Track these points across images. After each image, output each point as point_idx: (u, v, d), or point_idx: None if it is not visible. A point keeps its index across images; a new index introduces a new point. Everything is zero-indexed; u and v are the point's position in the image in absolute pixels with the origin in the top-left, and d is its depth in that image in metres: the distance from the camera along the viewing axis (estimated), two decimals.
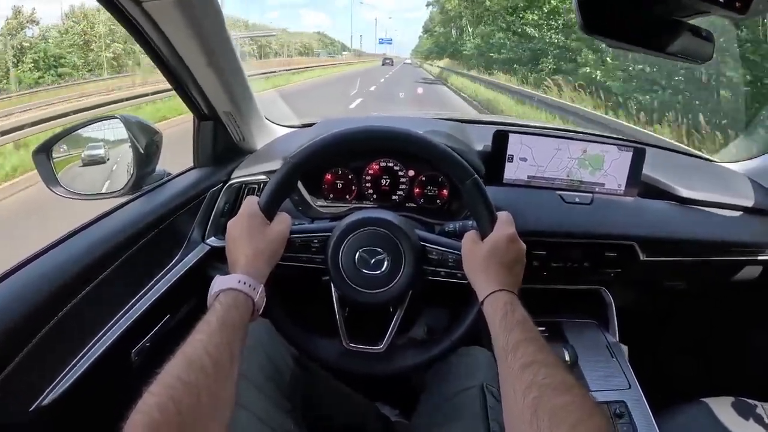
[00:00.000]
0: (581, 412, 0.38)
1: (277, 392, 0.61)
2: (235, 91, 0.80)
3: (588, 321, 0.96)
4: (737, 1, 0.51)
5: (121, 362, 0.64)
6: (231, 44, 0.73)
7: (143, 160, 0.77)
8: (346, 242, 0.61)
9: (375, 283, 0.61)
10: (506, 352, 0.46)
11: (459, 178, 0.61)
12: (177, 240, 0.79)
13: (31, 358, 0.50)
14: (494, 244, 0.57)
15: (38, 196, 0.72)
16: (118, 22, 0.62)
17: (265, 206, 0.58)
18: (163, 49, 0.67)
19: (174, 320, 0.75)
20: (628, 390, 0.82)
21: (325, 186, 0.89)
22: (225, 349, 0.43)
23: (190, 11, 0.60)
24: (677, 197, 0.91)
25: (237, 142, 0.92)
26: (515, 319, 0.49)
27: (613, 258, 0.85)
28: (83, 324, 0.58)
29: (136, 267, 0.67)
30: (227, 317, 0.46)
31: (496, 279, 0.54)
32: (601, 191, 0.86)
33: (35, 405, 0.51)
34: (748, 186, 0.98)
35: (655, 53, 0.63)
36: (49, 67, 15.12)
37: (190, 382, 0.39)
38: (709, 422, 0.77)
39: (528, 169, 0.84)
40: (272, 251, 0.56)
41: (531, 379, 0.42)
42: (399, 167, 0.88)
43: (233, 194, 0.87)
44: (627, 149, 0.84)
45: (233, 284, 0.50)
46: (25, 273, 0.54)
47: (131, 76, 12.85)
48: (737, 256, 0.92)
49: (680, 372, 1.19)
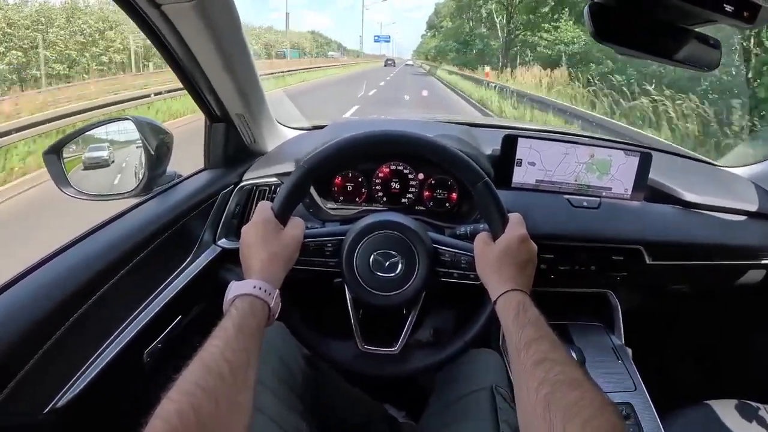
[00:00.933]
0: (593, 407, 0.39)
1: (290, 394, 0.62)
2: (249, 93, 0.81)
3: (594, 324, 0.97)
4: (745, 11, 0.52)
5: (133, 363, 0.64)
6: (247, 47, 0.73)
7: (154, 161, 0.77)
8: (361, 245, 0.62)
9: (389, 286, 0.62)
10: (519, 349, 0.47)
11: (470, 180, 0.61)
12: (189, 241, 0.79)
13: (46, 360, 0.50)
14: (506, 245, 0.58)
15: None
16: (135, 24, 0.63)
17: (279, 211, 0.59)
18: (179, 51, 0.67)
19: (186, 321, 0.75)
20: (634, 392, 0.82)
21: (336, 189, 0.90)
22: (242, 355, 0.43)
23: (208, 14, 0.60)
24: (682, 201, 0.91)
25: (248, 144, 0.92)
26: (528, 317, 0.50)
27: (619, 261, 0.85)
28: (97, 326, 0.58)
29: (149, 268, 0.68)
30: (244, 323, 0.46)
31: (509, 279, 0.55)
32: (608, 195, 0.87)
33: (50, 407, 0.51)
34: (752, 190, 0.99)
35: (663, 60, 0.64)
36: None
37: (209, 388, 0.39)
38: (714, 424, 0.78)
39: (536, 173, 0.85)
40: (287, 256, 0.57)
41: (543, 376, 0.42)
42: (409, 170, 0.89)
43: (244, 196, 0.87)
44: (634, 154, 0.85)
45: (249, 290, 0.50)
46: (40, 275, 0.55)
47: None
48: (741, 259, 0.93)
49: (685, 374, 1.19)
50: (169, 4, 0.57)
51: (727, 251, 0.91)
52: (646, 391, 0.83)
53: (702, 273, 0.95)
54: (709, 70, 0.68)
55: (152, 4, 0.58)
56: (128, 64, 14.88)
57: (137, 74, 13.00)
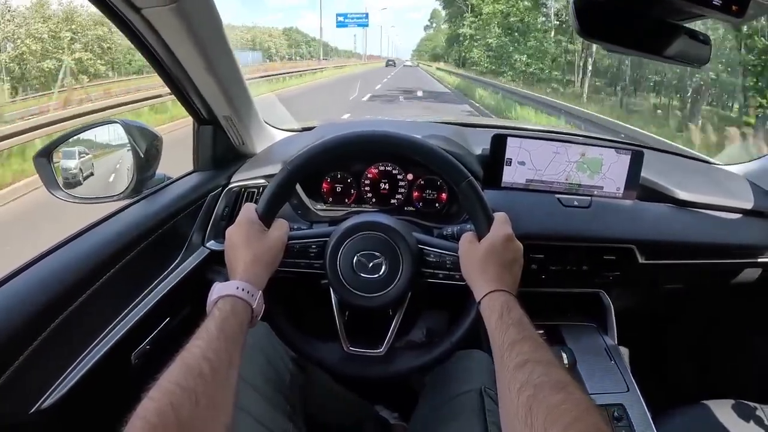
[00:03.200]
0: (577, 411, 0.38)
1: (276, 394, 0.62)
2: (234, 95, 0.80)
3: (587, 324, 0.96)
4: (734, 5, 0.51)
5: (121, 365, 0.64)
6: (229, 49, 0.73)
7: (143, 163, 0.77)
8: (344, 247, 0.62)
9: (373, 287, 0.61)
10: (502, 351, 0.46)
11: (454, 180, 0.61)
12: (177, 243, 0.79)
13: (32, 360, 0.50)
14: (491, 244, 0.57)
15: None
16: (118, 28, 0.63)
17: (263, 213, 0.58)
18: (162, 54, 0.67)
19: (174, 323, 0.75)
20: (627, 393, 0.82)
21: (324, 190, 0.89)
22: (224, 355, 0.44)
23: (189, 17, 0.60)
24: (676, 200, 0.91)
25: (236, 146, 0.92)
26: (511, 318, 0.49)
27: (612, 261, 0.85)
28: (84, 327, 0.58)
29: (136, 270, 0.68)
30: (226, 324, 0.47)
31: (494, 279, 0.55)
32: (600, 194, 0.86)
33: (36, 407, 0.51)
34: (747, 188, 0.98)
35: (652, 57, 0.64)
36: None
37: (189, 387, 0.39)
38: (709, 424, 0.77)
39: (526, 172, 0.85)
40: (271, 257, 0.57)
41: (526, 378, 0.42)
42: (398, 171, 0.89)
43: (233, 198, 0.87)
44: (625, 152, 0.84)
45: (232, 291, 0.50)
46: (27, 276, 0.55)
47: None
48: (737, 258, 0.92)
49: (680, 374, 1.18)
50: (149, 8, 0.57)
51: (722, 250, 0.90)
52: (640, 391, 0.82)
53: (696, 272, 0.94)
54: (699, 65, 0.67)
55: (132, 9, 0.58)
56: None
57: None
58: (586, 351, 0.88)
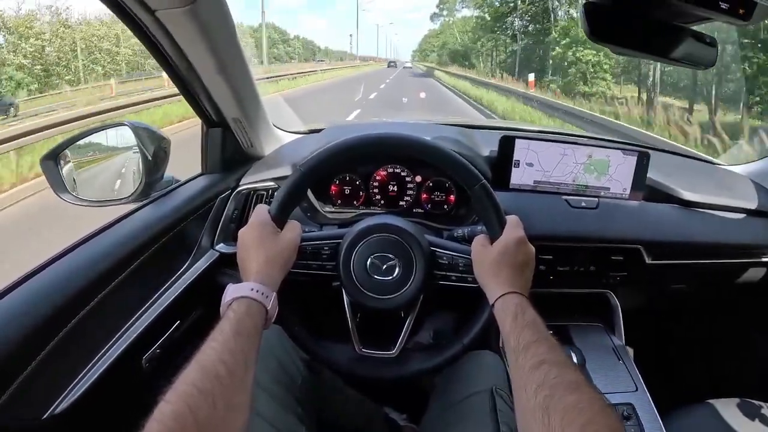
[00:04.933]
0: (592, 410, 0.39)
1: (288, 396, 0.62)
2: (244, 97, 0.80)
3: (594, 324, 0.96)
4: (740, 8, 0.52)
5: (132, 369, 0.64)
6: (241, 51, 0.73)
7: (151, 166, 0.77)
8: (358, 249, 0.62)
9: (387, 289, 0.62)
10: (517, 352, 0.47)
11: (467, 183, 0.61)
12: (187, 246, 0.79)
13: (44, 366, 0.50)
14: (504, 247, 0.57)
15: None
16: (130, 30, 0.63)
17: (276, 214, 0.59)
18: (174, 56, 0.67)
19: (184, 326, 0.75)
20: (635, 392, 0.82)
21: (333, 192, 0.89)
22: (239, 356, 0.44)
23: (203, 20, 0.60)
24: (681, 200, 0.91)
25: (245, 149, 0.92)
26: (525, 320, 0.50)
27: (619, 261, 0.85)
28: (95, 331, 0.58)
29: (147, 273, 0.68)
30: (241, 325, 0.46)
31: (507, 281, 0.55)
32: (607, 195, 0.87)
33: (48, 413, 0.51)
34: (751, 188, 0.99)
35: (659, 59, 0.64)
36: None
37: (206, 390, 0.39)
38: (716, 423, 0.77)
39: (534, 174, 0.85)
40: (284, 259, 0.57)
41: (542, 379, 0.42)
42: (406, 173, 0.89)
43: (242, 201, 0.87)
44: (631, 153, 0.85)
45: (246, 292, 0.50)
46: (38, 281, 0.55)
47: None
48: (741, 258, 0.93)
49: (686, 374, 1.19)
50: (163, 9, 0.57)
51: (727, 249, 0.91)
52: (648, 391, 0.82)
53: (702, 272, 0.94)
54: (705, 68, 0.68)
55: (146, 10, 0.58)
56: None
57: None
58: (594, 351, 0.88)
